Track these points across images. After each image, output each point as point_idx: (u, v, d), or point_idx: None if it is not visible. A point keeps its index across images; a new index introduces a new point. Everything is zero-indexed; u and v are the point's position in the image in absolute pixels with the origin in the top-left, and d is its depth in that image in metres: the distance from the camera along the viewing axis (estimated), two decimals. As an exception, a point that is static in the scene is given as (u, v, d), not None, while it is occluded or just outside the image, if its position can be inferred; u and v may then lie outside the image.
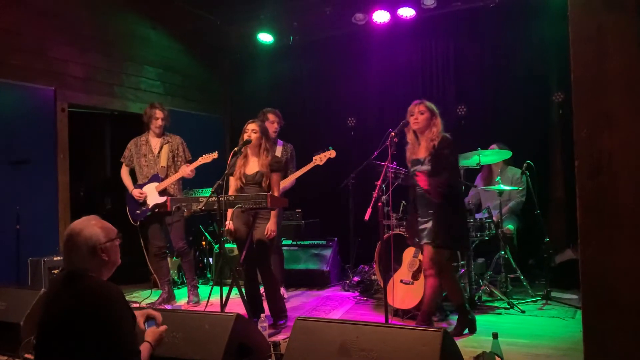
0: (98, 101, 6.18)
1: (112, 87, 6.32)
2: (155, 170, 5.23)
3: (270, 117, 5.25)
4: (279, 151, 5.42)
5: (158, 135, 5.32)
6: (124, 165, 5.39)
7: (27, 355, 3.27)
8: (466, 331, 3.97)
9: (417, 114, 3.91)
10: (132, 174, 5.39)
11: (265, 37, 7.36)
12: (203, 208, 3.94)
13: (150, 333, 2.47)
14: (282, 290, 5.42)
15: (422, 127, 3.91)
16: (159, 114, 5.26)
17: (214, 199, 3.87)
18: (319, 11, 6.89)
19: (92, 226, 2.26)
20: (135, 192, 5.17)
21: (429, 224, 3.86)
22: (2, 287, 3.94)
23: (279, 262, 5.37)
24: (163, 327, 2.53)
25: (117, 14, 6.43)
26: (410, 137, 3.99)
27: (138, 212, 5.21)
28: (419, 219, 3.96)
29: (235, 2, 7.13)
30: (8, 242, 5.01)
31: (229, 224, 4.34)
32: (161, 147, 5.28)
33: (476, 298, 4.78)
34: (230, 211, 4.29)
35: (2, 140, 5.19)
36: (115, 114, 6.63)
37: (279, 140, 5.47)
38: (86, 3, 6.05)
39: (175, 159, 5.31)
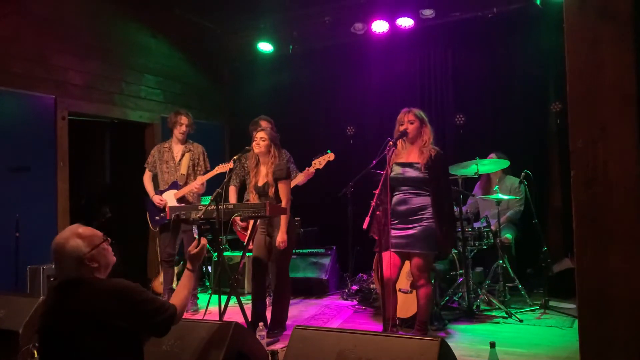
0: (98, 109, 6.20)
1: (112, 95, 6.34)
2: (175, 177, 5.29)
3: (263, 124, 5.30)
4: None
5: (181, 141, 5.38)
6: (147, 170, 5.47)
7: (25, 363, 3.26)
8: None
9: (407, 123, 3.92)
10: (155, 179, 5.46)
11: (265, 47, 7.40)
12: (202, 216, 3.95)
13: (189, 257, 2.69)
14: None
15: (413, 136, 3.93)
16: (184, 119, 5.35)
17: (213, 207, 3.88)
18: (319, 21, 6.93)
19: (73, 238, 2.27)
20: (156, 199, 5.24)
21: (414, 232, 3.82)
22: (0, 294, 3.94)
23: None
24: (203, 242, 2.72)
25: (117, 22, 6.46)
26: (399, 143, 4.00)
27: (157, 218, 5.27)
28: (396, 226, 3.89)
29: (235, 12, 7.17)
30: (7, 249, 5.00)
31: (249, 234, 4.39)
32: (182, 155, 5.34)
33: (474, 307, 4.79)
34: (250, 222, 4.35)
35: (2, 148, 5.20)
36: (115, 122, 6.65)
37: None
38: (87, 11, 6.08)
39: (196, 167, 5.36)
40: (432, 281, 4.15)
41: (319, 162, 5.26)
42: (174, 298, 2.51)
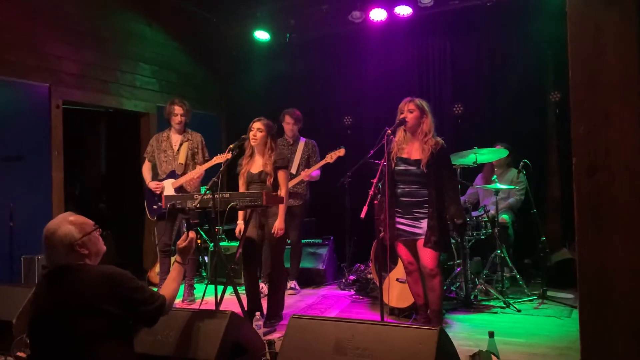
0: (93, 98, 6.12)
1: (106, 84, 6.27)
2: (173, 166, 5.24)
3: (287, 118, 5.61)
4: (300, 147, 5.66)
5: (179, 131, 5.33)
6: (146, 160, 5.42)
7: (19, 353, 3.23)
8: None
9: (407, 112, 3.87)
10: (154, 169, 5.41)
11: (261, 35, 7.32)
12: (198, 206, 3.91)
13: (178, 251, 2.72)
14: (295, 283, 5.64)
15: (411, 125, 3.88)
16: (177, 109, 5.28)
17: (209, 196, 3.84)
18: (316, 9, 6.86)
19: (65, 224, 2.28)
20: (152, 185, 5.20)
21: (423, 224, 3.80)
22: (-6, 284, 3.92)
23: (297, 257, 5.69)
24: (191, 235, 2.75)
25: (112, 10, 6.38)
26: (399, 133, 3.96)
27: (155, 207, 5.22)
28: (400, 216, 3.88)
29: (231, 0, 7.10)
30: (1, 240, 4.97)
31: (239, 224, 4.34)
32: (181, 144, 5.29)
33: (472, 297, 4.77)
34: (240, 213, 4.33)
35: (-4, 137, 5.15)
36: (110, 111, 6.59)
37: (301, 137, 5.76)
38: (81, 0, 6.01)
39: (195, 157, 5.31)
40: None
41: (330, 157, 5.40)
42: (163, 289, 2.52)
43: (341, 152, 5.36)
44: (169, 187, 5.19)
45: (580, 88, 2.29)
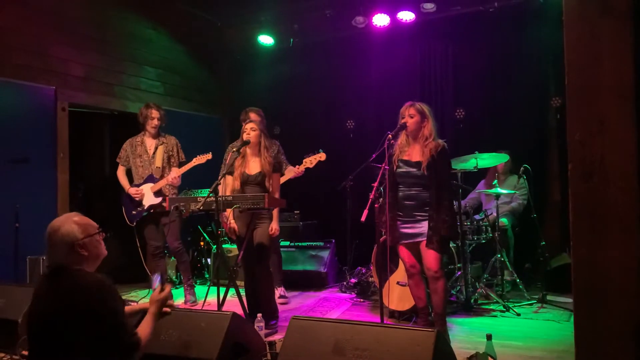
0: (98, 101, 6.19)
1: (112, 87, 6.34)
2: (150, 170, 5.26)
3: (252, 115, 5.33)
4: None
5: (153, 135, 5.34)
6: (120, 165, 5.43)
7: (24, 352, 3.28)
8: None
9: (407, 116, 3.89)
10: (129, 174, 5.42)
11: (265, 39, 7.39)
12: (201, 208, 3.96)
13: (152, 301, 2.48)
14: (283, 290, 5.48)
15: (412, 130, 3.90)
16: (154, 113, 5.28)
17: (212, 199, 3.89)
18: (320, 14, 6.92)
19: (69, 223, 2.29)
20: (132, 191, 5.21)
21: (425, 227, 3.82)
22: (0, 284, 3.97)
23: (277, 263, 5.44)
24: (166, 290, 2.52)
25: (117, 14, 6.46)
26: (402, 137, 3.99)
27: (134, 212, 5.24)
28: (402, 218, 3.89)
29: (236, 4, 7.17)
30: (7, 240, 5.01)
31: (231, 223, 4.36)
32: (156, 148, 5.31)
33: (472, 301, 4.80)
34: (229, 211, 4.31)
35: (2, 139, 5.20)
36: (115, 113, 6.65)
37: None
38: (87, 3, 6.07)
39: (171, 159, 5.33)
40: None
41: (309, 161, 5.25)
42: (140, 328, 2.36)
43: (321, 156, 5.20)
44: (148, 192, 5.21)
45: (576, 95, 2.34)
